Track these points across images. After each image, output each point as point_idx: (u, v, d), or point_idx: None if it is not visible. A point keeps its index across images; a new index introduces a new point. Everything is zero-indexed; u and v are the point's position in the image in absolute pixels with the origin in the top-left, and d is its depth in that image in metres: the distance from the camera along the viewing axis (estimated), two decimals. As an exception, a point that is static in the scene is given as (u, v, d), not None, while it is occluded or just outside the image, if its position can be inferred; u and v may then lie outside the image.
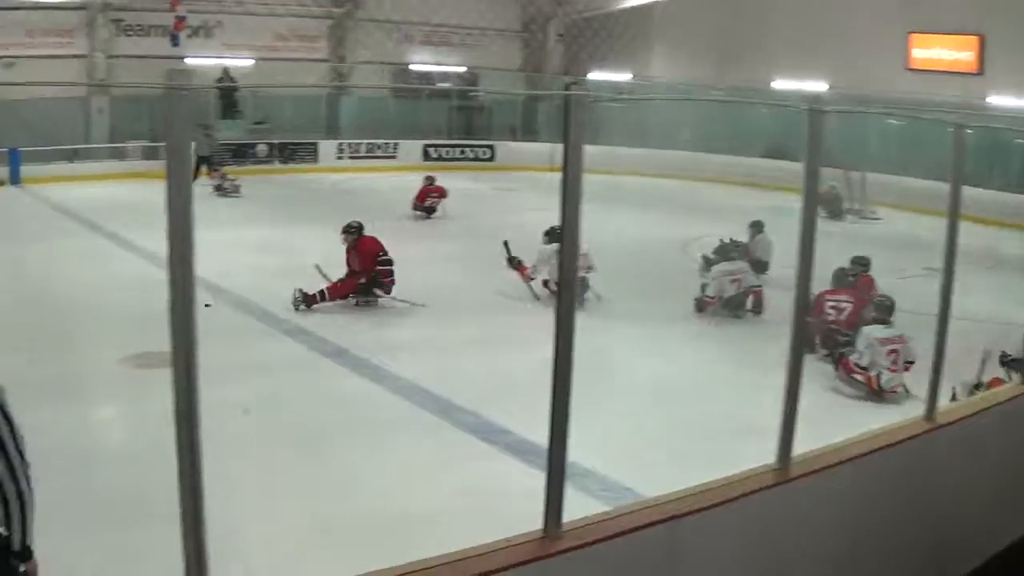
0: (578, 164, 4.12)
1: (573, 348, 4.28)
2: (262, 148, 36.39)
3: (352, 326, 14.22)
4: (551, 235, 16.08)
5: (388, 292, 15.47)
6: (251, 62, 36.43)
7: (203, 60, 34.01)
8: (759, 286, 15.71)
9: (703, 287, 15.58)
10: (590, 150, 4.14)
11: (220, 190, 28.52)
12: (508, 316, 15.16)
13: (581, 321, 4.31)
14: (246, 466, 8.24)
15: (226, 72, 34.34)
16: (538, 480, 4.42)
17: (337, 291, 15.19)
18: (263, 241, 18.65)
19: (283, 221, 16.48)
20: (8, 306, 14.91)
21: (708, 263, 15.73)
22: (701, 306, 15.40)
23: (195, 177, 24.73)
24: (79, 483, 7.94)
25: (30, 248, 19.76)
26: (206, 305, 14.14)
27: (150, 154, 33.46)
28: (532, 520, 4.42)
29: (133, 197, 26.19)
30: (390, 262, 15.50)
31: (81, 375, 11.69)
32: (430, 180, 26.51)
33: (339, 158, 37.97)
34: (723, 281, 15.27)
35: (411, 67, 40.68)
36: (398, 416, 10.56)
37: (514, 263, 16.32)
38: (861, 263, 14.56)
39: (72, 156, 33.57)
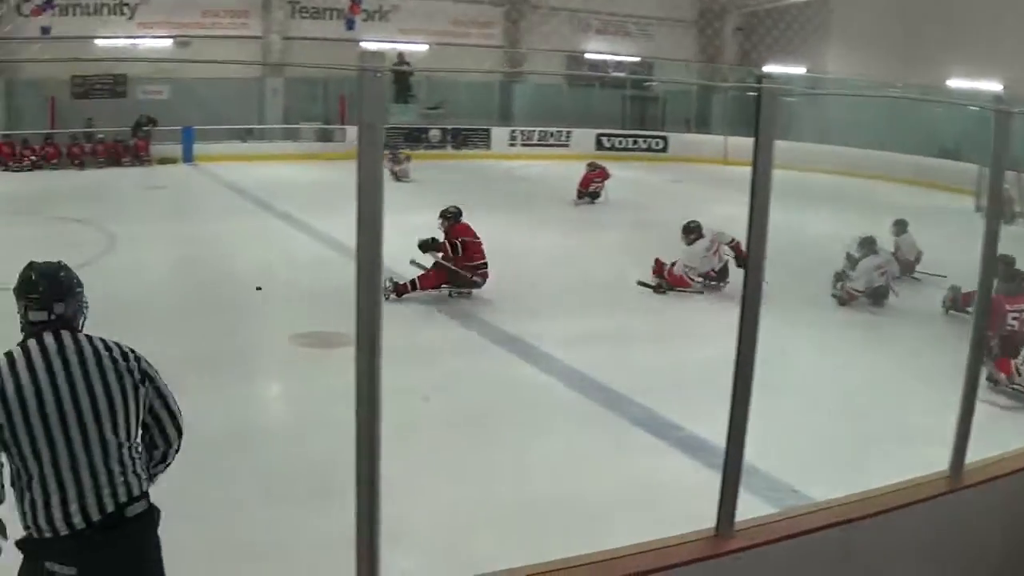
0: (768, 159, 4.07)
1: (755, 351, 4.23)
2: (435, 133, 36.79)
3: (521, 314, 14.14)
4: (689, 231, 15.95)
5: (480, 284, 14.98)
6: (425, 47, 36.87)
7: (378, 44, 34.47)
8: (899, 276, 15.87)
9: (837, 278, 15.49)
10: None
11: (393, 174, 28.69)
12: (677, 309, 15.01)
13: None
14: (418, 449, 8.30)
15: (401, 56, 34.65)
16: (705, 477, 4.37)
17: (428, 281, 14.75)
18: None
19: (454, 207, 16.66)
20: (184, 282, 15.42)
21: (852, 261, 15.45)
22: (844, 300, 15.21)
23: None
24: (246, 457, 8.13)
25: (205, 226, 20.35)
26: (257, 288, 14.34)
27: (324, 136, 34.10)
28: (697, 518, 4.38)
29: (306, 178, 26.71)
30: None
31: (251, 352, 11.94)
32: (593, 167, 26.58)
33: (511, 145, 38.23)
34: (872, 275, 15.06)
35: (585, 55, 40.65)
36: (567, 405, 10.47)
37: (662, 288, 15.74)
38: (1005, 261, 13.78)
39: (245, 136, 34.45)
